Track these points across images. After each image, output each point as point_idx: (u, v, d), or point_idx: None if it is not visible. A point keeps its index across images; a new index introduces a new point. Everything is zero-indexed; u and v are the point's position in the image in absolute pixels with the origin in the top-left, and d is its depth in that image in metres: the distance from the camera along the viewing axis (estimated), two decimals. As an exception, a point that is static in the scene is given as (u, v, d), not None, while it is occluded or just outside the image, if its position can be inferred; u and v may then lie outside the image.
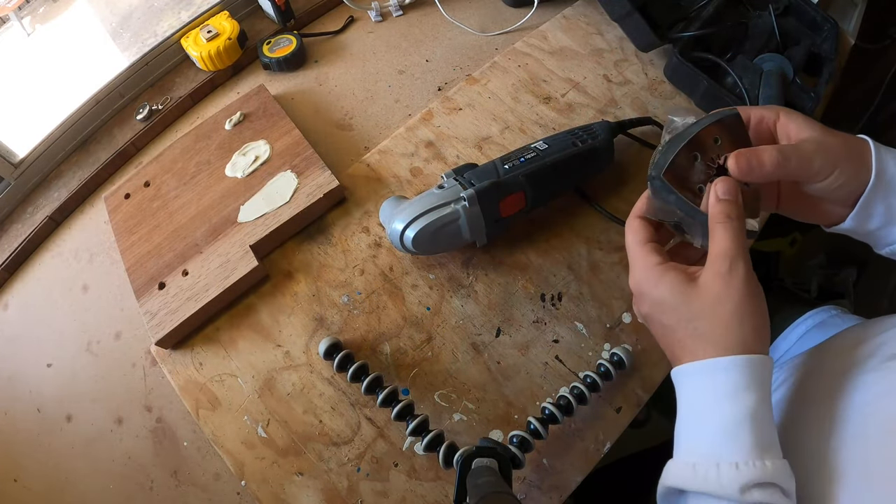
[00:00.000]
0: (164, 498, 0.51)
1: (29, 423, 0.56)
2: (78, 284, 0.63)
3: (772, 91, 0.61)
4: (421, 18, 0.80)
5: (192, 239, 0.58)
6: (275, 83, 0.74)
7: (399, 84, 0.73)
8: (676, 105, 0.68)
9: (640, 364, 0.52)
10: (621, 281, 0.56)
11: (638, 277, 0.37)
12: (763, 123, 0.39)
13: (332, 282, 0.57)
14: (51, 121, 0.69)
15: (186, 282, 0.55)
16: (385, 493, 0.47)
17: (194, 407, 0.52)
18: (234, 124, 0.66)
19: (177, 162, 0.64)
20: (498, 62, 0.72)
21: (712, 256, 0.34)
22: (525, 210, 0.55)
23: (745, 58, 0.64)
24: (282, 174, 0.61)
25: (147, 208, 0.62)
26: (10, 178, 0.66)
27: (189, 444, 0.53)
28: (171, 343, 0.54)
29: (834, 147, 0.36)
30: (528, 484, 0.47)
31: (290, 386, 0.52)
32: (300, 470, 0.49)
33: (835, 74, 0.68)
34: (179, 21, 0.79)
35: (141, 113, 0.71)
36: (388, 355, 0.53)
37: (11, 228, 0.66)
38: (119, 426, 0.55)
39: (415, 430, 0.46)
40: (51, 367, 0.59)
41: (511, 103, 0.68)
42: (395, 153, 0.65)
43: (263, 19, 0.81)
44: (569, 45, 0.74)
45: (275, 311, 0.56)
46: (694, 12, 0.68)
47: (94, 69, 0.75)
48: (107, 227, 0.64)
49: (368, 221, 0.60)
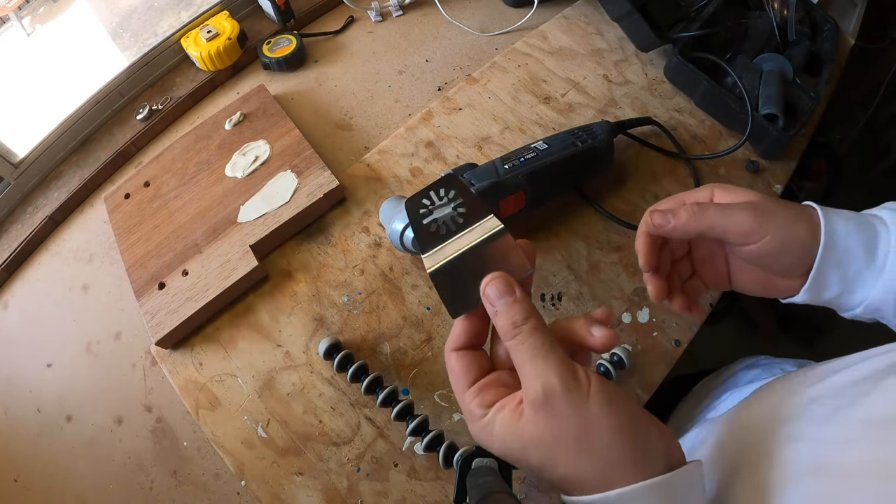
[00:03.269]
0: (163, 498, 0.51)
1: (29, 423, 0.56)
2: (78, 284, 0.63)
3: (771, 91, 0.61)
4: (421, 18, 0.80)
5: (192, 239, 0.58)
6: (275, 83, 0.74)
7: (399, 84, 0.73)
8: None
9: (639, 364, 0.52)
10: (621, 281, 0.56)
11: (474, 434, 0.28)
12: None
13: (332, 282, 0.57)
14: (51, 121, 0.69)
15: (186, 282, 0.55)
16: (385, 493, 0.47)
17: (194, 407, 0.52)
18: (234, 124, 0.66)
19: (177, 162, 0.64)
20: (498, 62, 0.72)
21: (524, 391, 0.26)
22: (525, 210, 0.55)
23: (745, 58, 0.64)
24: (282, 174, 0.61)
25: (147, 208, 0.62)
26: (10, 178, 0.66)
27: (189, 443, 0.53)
28: (171, 343, 0.54)
29: (767, 208, 0.34)
30: (528, 484, 0.47)
31: (290, 386, 0.52)
32: (300, 470, 0.49)
33: (835, 74, 0.68)
34: (179, 21, 0.79)
35: (141, 113, 0.71)
36: (388, 355, 0.53)
37: (11, 228, 0.66)
38: (119, 426, 0.55)
39: (415, 430, 0.46)
40: (51, 367, 0.59)
41: (511, 103, 0.68)
42: (395, 153, 0.65)
43: (263, 19, 0.81)
44: (569, 45, 0.74)
45: (275, 311, 0.56)
46: (694, 12, 0.68)
47: (94, 69, 0.75)
48: (107, 227, 0.64)
49: (368, 221, 0.60)
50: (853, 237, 0.34)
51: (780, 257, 0.34)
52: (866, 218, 0.35)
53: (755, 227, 0.33)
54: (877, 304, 0.34)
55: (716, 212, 0.34)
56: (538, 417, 0.25)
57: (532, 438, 0.26)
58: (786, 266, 0.35)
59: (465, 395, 0.29)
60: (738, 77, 0.62)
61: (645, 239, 0.38)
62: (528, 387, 0.26)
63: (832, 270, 0.34)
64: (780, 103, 0.60)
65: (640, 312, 0.54)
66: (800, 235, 0.34)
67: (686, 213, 0.33)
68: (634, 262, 0.57)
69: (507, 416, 0.26)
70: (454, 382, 0.30)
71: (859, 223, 0.34)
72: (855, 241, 0.34)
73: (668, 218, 0.34)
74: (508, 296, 0.27)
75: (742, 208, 0.34)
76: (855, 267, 0.34)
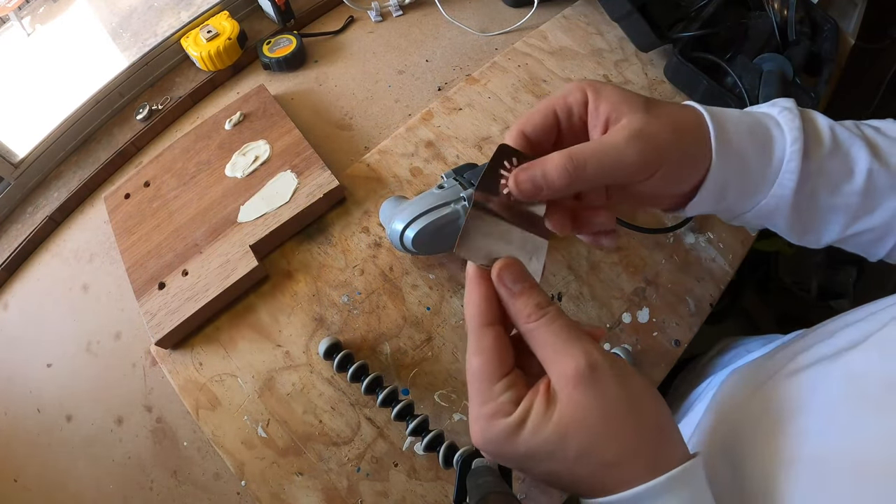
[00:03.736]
0: (163, 498, 0.51)
1: (29, 423, 0.56)
2: (78, 284, 0.63)
3: (771, 91, 0.61)
4: (421, 18, 0.80)
5: (192, 239, 0.58)
6: (275, 83, 0.74)
7: (399, 84, 0.73)
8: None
9: (639, 364, 0.52)
10: (621, 281, 0.56)
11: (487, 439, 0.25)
12: (572, 116, 0.30)
13: (332, 282, 0.57)
14: (51, 121, 0.68)
15: (186, 282, 0.55)
16: (385, 493, 0.47)
17: (194, 407, 0.52)
18: (234, 124, 0.66)
19: (177, 162, 0.64)
20: (498, 62, 0.72)
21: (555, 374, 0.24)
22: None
23: (745, 58, 0.64)
24: (282, 174, 0.61)
25: (147, 208, 0.62)
26: (10, 178, 0.66)
27: (189, 444, 0.53)
28: (171, 343, 0.54)
29: (652, 133, 0.28)
30: (528, 484, 0.47)
31: (290, 386, 0.52)
32: (300, 470, 0.49)
33: (835, 74, 0.68)
34: (179, 21, 0.79)
35: (141, 113, 0.71)
36: (388, 355, 0.53)
37: (11, 228, 0.66)
38: (119, 426, 0.55)
39: (415, 430, 0.46)
40: (51, 367, 0.59)
41: (511, 103, 0.68)
42: (395, 153, 0.65)
43: (263, 19, 0.81)
44: (569, 45, 0.74)
45: (275, 311, 0.56)
46: (694, 12, 0.68)
47: (94, 69, 0.75)
48: (107, 227, 0.64)
49: (368, 221, 0.60)
50: (746, 144, 0.30)
51: (669, 186, 0.30)
52: (757, 118, 0.32)
53: (643, 165, 0.28)
54: (767, 210, 0.32)
55: (595, 164, 0.27)
56: (581, 395, 0.23)
57: (573, 421, 0.23)
58: (674, 188, 0.31)
59: (494, 386, 0.25)
60: (738, 77, 0.62)
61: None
62: (565, 366, 0.24)
63: (726, 186, 0.31)
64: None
65: (640, 312, 0.54)
66: (691, 156, 0.29)
67: (559, 175, 0.27)
68: (635, 261, 0.57)
69: (540, 408, 0.24)
70: (482, 368, 0.25)
71: (753, 129, 0.31)
72: (750, 149, 0.31)
73: (537, 182, 0.27)
74: (526, 280, 0.26)
75: (626, 145, 0.27)
76: (750, 178, 0.31)
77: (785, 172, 0.31)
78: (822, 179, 0.31)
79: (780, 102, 0.33)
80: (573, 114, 0.30)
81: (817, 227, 0.33)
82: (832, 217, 0.33)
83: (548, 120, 0.30)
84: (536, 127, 0.30)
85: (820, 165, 0.31)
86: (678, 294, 0.56)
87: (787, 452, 0.28)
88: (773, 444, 0.29)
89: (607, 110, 0.29)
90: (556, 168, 0.27)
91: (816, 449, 0.27)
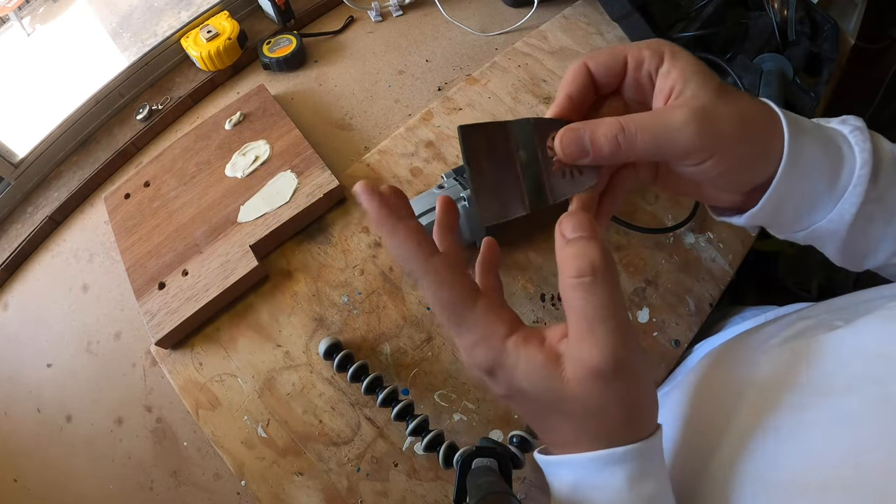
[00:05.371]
0: (163, 498, 0.51)
1: (29, 423, 0.56)
2: (78, 284, 0.63)
3: (771, 91, 0.61)
4: (421, 18, 0.80)
5: (192, 239, 0.58)
6: (275, 83, 0.74)
7: (399, 84, 0.73)
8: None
9: (640, 364, 0.52)
10: (621, 280, 0.56)
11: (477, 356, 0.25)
12: (641, 69, 0.28)
13: (332, 282, 0.57)
14: (51, 121, 0.69)
15: (186, 282, 0.55)
16: (385, 493, 0.47)
17: (194, 407, 0.52)
18: (234, 124, 0.66)
19: (177, 162, 0.64)
20: (498, 62, 0.72)
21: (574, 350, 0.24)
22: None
23: (745, 58, 0.64)
24: (282, 174, 0.61)
25: (147, 208, 0.62)
26: (10, 178, 0.66)
27: (189, 444, 0.53)
28: (171, 343, 0.54)
29: (716, 116, 0.25)
30: (528, 484, 0.47)
31: (290, 386, 0.52)
32: (300, 470, 0.49)
33: (835, 74, 0.68)
34: (179, 21, 0.79)
35: (141, 113, 0.71)
36: (388, 355, 0.53)
37: (11, 228, 0.66)
38: (119, 426, 0.55)
39: (415, 430, 0.46)
40: (51, 367, 0.59)
41: (511, 103, 0.68)
42: (395, 153, 0.65)
43: (263, 19, 0.81)
44: (569, 45, 0.74)
45: (275, 311, 0.56)
46: (694, 12, 0.68)
47: (94, 69, 0.75)
48: (107, 227, 0.64)
49: (368, 221, 0.60)
50: (818, 161, 0.28)
51: (721, 180, 0.28)
52: (831, 136, 0.30)
53: (696, 148, 0.25)
54: (823, 231, 0.30)
55: (647, 137, 0.25)
56: (591, 385, 0.23)
57: (575, 399, 0.24)
58: (727, 185, 0.29)
59: (475, 309, 0.25)
60: (739, 77, 0.62)
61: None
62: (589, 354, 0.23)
63: (788, 200, 0.29)
64: (779, 103, 0.59)
65: (640, 312, 0.54)
66: (752, 153, 0.27)
67: (607, 142, 0.25)
68: (635, 261, 0.57)
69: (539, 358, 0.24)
70: (454, 297, 0.25)
71: (826, 145, 0.29)
72: (820, 166, 0.28)
73: (583, 146, 0.26)
74: (590, 229, 0.24)
75: (685, 122, 0.25)
76: (813, 197, 0.29)
77: (850, 196, 0.29)
78: (880, 206, 0.29)
79: (851, 121, 0.31)
80: (643, 67, 0.27)
81: (864, 252, 0.32)
82: (882, 245, 0.32)
83: (615, 61, 0.28)
84: (600, 65, 0.28)
85: (882, 192, 0.29)
86: (678, 294, 0.56)
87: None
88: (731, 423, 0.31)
89: (676, 77, 0.26)
90: (605, 134, 0.25)
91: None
